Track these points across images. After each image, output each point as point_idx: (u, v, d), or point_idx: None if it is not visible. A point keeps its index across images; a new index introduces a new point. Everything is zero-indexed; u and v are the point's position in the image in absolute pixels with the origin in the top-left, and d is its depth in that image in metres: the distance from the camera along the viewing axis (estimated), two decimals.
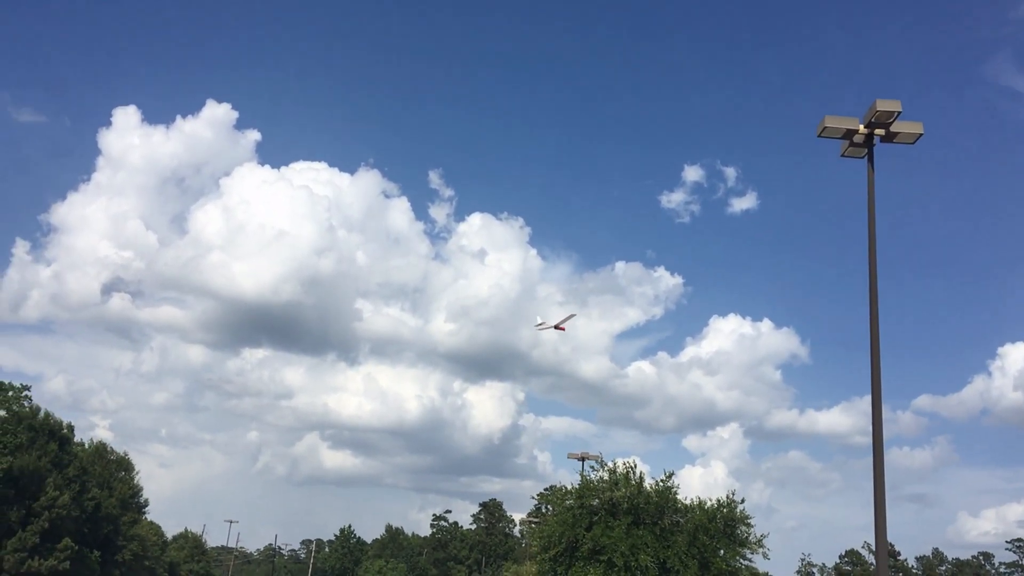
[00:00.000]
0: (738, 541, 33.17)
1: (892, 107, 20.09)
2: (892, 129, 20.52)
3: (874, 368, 19.98)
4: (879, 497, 18.94)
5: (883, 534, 18.77)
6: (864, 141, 20.88)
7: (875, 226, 21.24)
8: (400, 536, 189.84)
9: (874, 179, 21.40)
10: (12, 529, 69.98)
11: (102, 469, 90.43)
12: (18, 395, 76.78)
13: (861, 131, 20.69)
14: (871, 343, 20.17)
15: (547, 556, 33.44)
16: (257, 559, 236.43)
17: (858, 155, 21.27)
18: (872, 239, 21.09)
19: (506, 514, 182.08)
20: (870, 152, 21.20)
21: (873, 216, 21.22)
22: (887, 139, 20.85)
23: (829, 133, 20.83)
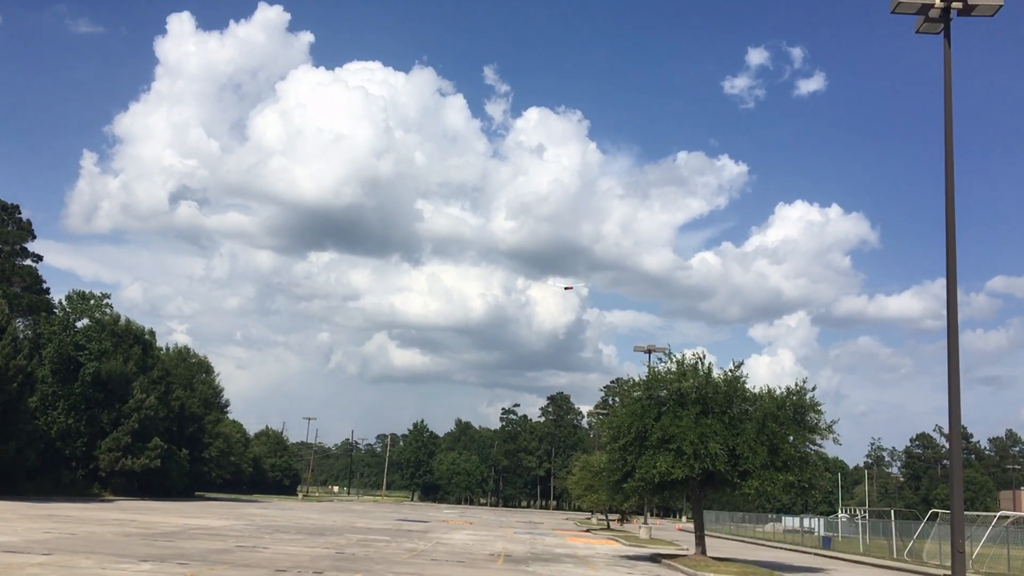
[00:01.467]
0: (807, 427, 33.29)
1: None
2: (970, 1, 19.52)
3: (949, 250, 19.55)
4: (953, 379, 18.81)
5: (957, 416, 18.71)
6: (940, 15, 19.92)
7: (951, 104, 20.47)
8: (471, 430, 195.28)
9: (951, 55, 20.51)
10: (105, 430, 73.84)
11: (184, 371, 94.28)
12: (99, 303, 79.77)
13: (937, 4, 19.71)
14: (947, 224, 19.69)
15: (617, 446, 34.08)
16: (335, 453, 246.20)
17: (934, 31, 20.33)
18: (948, 117, 20.36)
19: (573, 406, 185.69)
20: (946, 26, 20.24)
21: (950, 93, 20.42)
22: (964, 12, 19.86)
23: (903, 9, 19.91)
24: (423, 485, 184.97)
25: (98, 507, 51.58)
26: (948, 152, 20.18)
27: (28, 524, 31.41)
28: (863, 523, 61.62)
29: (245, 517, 50.55)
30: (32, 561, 18.60)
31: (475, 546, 36.46)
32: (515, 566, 26.97)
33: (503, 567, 26.29)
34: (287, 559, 23.62)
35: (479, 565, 26.25)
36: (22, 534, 26.49)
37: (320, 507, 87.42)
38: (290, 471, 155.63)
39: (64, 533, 27.97)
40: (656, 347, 54.45)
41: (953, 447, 19.49)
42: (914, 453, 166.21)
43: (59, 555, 20.40)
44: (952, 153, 20.18)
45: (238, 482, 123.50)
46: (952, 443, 19.47)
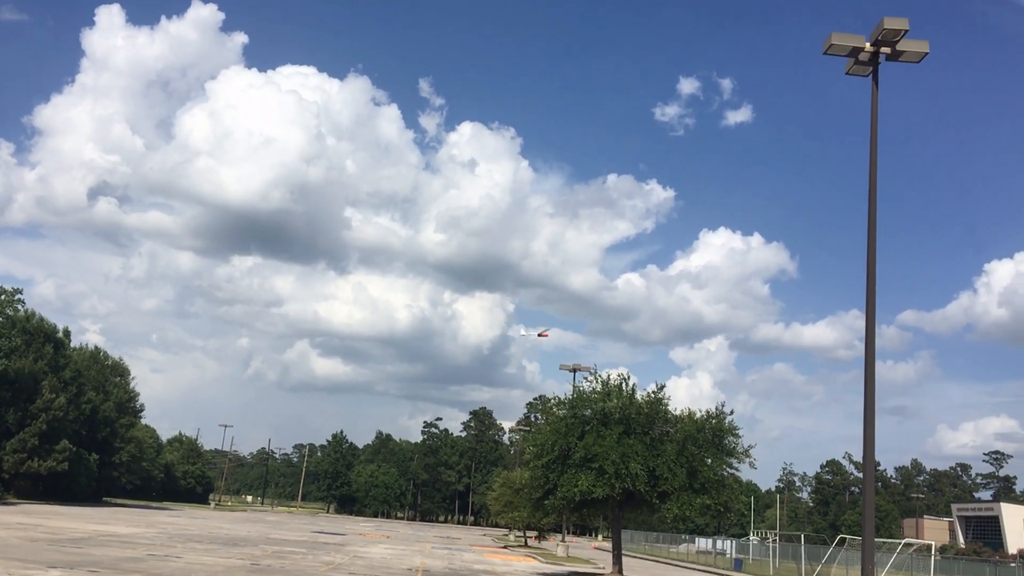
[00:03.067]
0: (725, 451, 33.95)
1: (899, 25, 19.86)
2: (898, 47, 20.34)
3: (870, 283, 20.28)
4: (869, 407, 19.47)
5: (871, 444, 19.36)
6: (869, 59, 20.71)
7: (877, 142, 21.27)
8: (391, 442, 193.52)
9: (878, 97, 21.32)
10: (10, 431, 71.15)
11: (97, 373, 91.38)
12: (11, 299, 76.98)
13: (867, 49, 20.48)
14: (868, 257, 20.42)
15: (540, 463, 34.22)
16: (251, 462, 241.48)
17: (863, 73, 21.12)
18: (873, 155, 21.14)
19: (496, 422, 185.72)
20: (875, 70, 21.06)
21: (875, 132, 21.23)
22: (893, 57, 20.68)
23: (835, 51, 20.64)
24: (340, 497, 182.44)
25: (1, 510, 49.61)
26: (872, 188, 20.94)
27: None
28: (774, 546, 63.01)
29: (156, 525, 49.21)
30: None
31: (393, 560, 36.19)
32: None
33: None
34: (201, 569, 23.11)
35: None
36: None
37: (233, 517, 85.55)
38: (203, 479, 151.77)
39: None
40: (581, 366, 55.00)
41: (866, 475, 20.14)
42: (824, 479, 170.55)
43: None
44: (876, 189, 20.95)
45: (148, 489, 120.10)
46: (866, 471, 20.12)
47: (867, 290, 20.29)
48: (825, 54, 20.80)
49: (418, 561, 37.40)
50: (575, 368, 55.89)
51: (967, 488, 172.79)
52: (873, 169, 20.98)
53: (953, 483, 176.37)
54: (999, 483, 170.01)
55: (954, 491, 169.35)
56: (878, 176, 20.99)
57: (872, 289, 20.28)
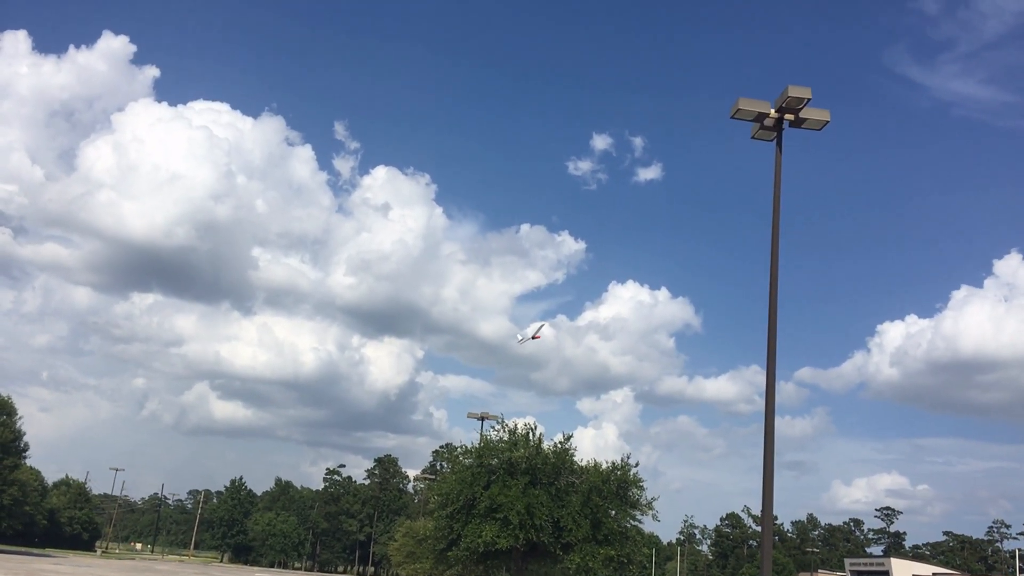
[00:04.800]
0: (629, 503, 34.30)
1: (803, 94, 20.85)
2: (801, 115, 21.31)
3: (770, 340, 20.91)
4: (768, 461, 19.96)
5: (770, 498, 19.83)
6: (774, 125, 21.64)
7: (779, 205, 22.12)
8: (291, 489, 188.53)
9: (781, 161, 22.23)
10: None
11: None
12: None
13: (772, 115, 21.41)
14: (769, 316, 21.08)
15: (444, 513, 33.94)
16: (142, 508, 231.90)
17: (767, 138, 22.03)
18: (776, 217, 21.96)
19: (400, 470, 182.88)
20: (779, 135, 21.99)
21: (778, 196, 22.07)
22: (796, 124, 21.65)
23: (742, 115, 21.51)
24: (235, 546, 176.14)
25: None
26: (774, 249, 21.71)
27: None
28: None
29: (37, 574, 46.69)
30: None
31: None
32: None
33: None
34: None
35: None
36: None
37: (120, 565, 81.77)
38: (90, 525, 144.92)
39: None
40: (489, 414, 54.91)
41: (765, 528, 20.57)
42: (723, 532, 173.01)
43: None
44: (778, 250, 21.72)
45: (30, 534, 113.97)
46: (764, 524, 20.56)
47: (768, 347, 20.92)
48: (732, 118, 21.66)
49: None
50: (483, 416, 55.76)
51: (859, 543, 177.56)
52: (775, 231, 21.78)
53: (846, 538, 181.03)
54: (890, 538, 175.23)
55: (847, 546, 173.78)
56: (780, 238, 21.80)
57: (772, 346, 20.92)
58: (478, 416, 56.79)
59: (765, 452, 20.20)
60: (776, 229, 21.81)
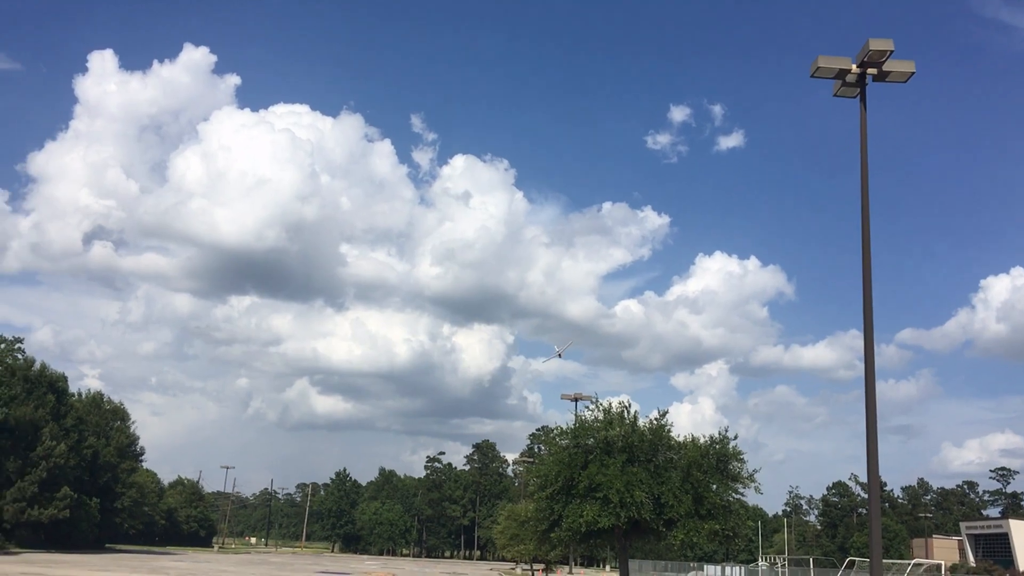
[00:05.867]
0: (730, 476, 33.75)
1: (884, 46, 20.09)
2: (884, 68, 20.54)
3: (866, 302, 20.31)
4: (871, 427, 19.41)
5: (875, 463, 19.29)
6: (857, 80, 20.90)
7: (867, 163, 21.41)
8: (394, 478, 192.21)
9: (866, 117, 21.50)
10: (11, 479, 70.75)
11: (98, 419, 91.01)
12: (11, 348, 76.96)
13: (854, 71, 20.69)
14: (863, 278, 20.47)
15: (544, 495, 33.97)
16: (253, 503, 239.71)
17: (850, 94, 21.31)
18: (864, 176, 21.27)
19: (499, 454, 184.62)
20: (862, 91, 21.25)
21: (865, 153, 21.37)
22: (879, 78, 20.88)
23: (822, 73, 20.85)
24: (344, 535, 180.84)
25: (2, 560, 49.15)
26: (864, 210, 21.03)
27: None
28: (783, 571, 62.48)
29: (159, 571, 48.75)
30: None
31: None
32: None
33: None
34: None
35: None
36: None
37: (237, 559, 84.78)
38: (206, 522, 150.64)
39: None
40: (582, 395, 54.97)
41: (872, 496, 20.04)
42: (831, 501, 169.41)
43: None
44: (868, 210, 21.04)
45: (151, 534, 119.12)
46: (871, 492, 20.02)
47: (864, 310, 20.32)
48: (813, 77, 21.01)
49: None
50: (576, 397, 55.80)
51: (975, 506, 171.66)
52: (865, 189, 21.10)
53: (960, 501, 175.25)
54: (1007, 500, 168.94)
55: (962, 509, 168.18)
56: (870, 195, 21.11)
57: (869, 308, 20.31)
58: (571, 397, 56.89)
59: (868, 418, 19.66)
60: (865, 188, 21.13)
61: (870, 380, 19.83)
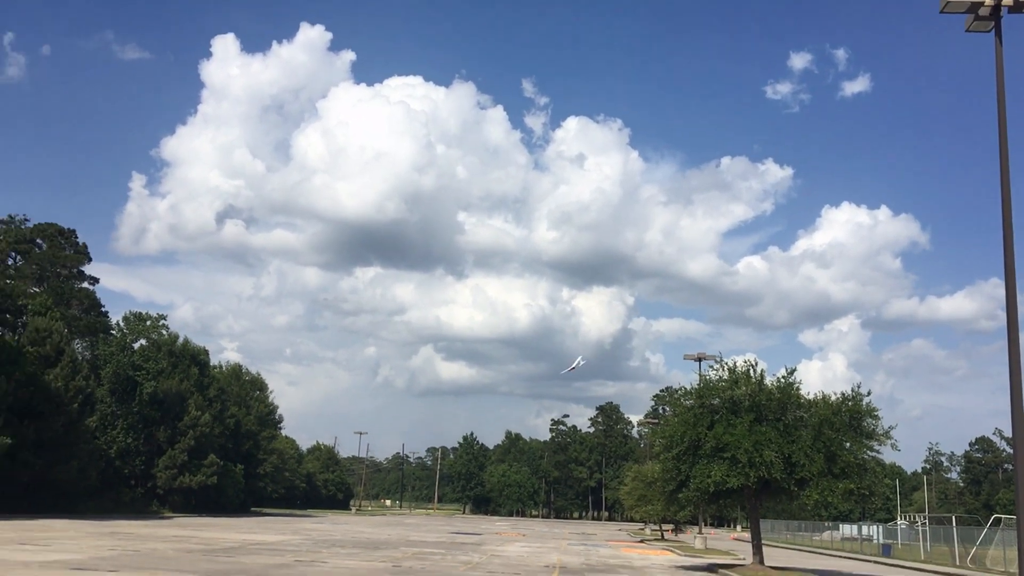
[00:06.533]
0: (864, 433, 32.74)
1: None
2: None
3: (1007, 247, 19.21)
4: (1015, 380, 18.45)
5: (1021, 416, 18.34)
6: (991, 13, 19.63)
7: (1005, 101, 20.15)
8: (520, 441, 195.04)
9: (1002, 52, 20.19)
10: (162, 448, 75.20)
11: (239, 389, 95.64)
12: (156, 324, 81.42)
13: (987, 3, 19.43)
14: (1003, 221, 19.35)
15: (670, 455, 33.82)
16: (387, 467, 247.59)
17: (984, 29, 20.04)
18: (1002, 115, 20.03)
19: (623, 416, 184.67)
20: (997, 24, 19.94)
21: (1002, 91, 20.10)
22: (1016, 9, 19.55)
23: (953, 8, 19.67)
24: (474, 498, 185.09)
25: (158, 524, 52.50)
26: (1003, 150, 19.84)
27: (93, 542, 32.10)
28: (923, 530, 60.39)
29: (301, 532, 51.08)
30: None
31: (530, 558, 36.46)
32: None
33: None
34: (345, 572, 23.86)
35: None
36: (88, 552, 27.10)
37: (374, 521, 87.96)
38: (343, 486, 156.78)
39: (128, 550, 28.55)
40: (706, 355, 54.14)
41: (1018, 451, 19.08)
42: (973, 458, 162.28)
43: (125, 572, 20.85)
44: (1007, 150, 19.84)
45: (292, 497, 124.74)
46: (1016, 447, 19.06)
47: (1005, 256, 19.23)
48: (942, 12, 19.85)
49: (555, 558, 37.58)
50: (700, 357, 55.05)
51: None
52: (1003, 128, 19.88)
53: None
54: None
55: None
56: (1008, 135, 19.87)
57: (1010, 254, 19.21)
58: (694, 357, 56.14)
59: (1011, 369, 18.68)
60: (1003, 127, 19.90)
61: (1012, 330, 18.81)
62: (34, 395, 55.13)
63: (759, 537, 35.96)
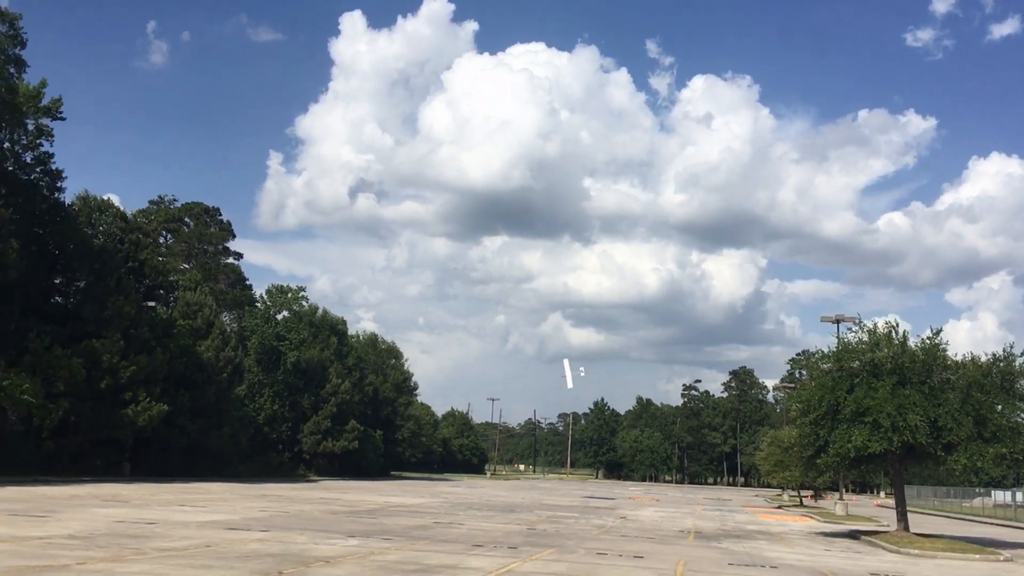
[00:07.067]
0: (1018, 395, 31.05)
1: None
2: None
3: None
4: None
5: None
6: None
7: None
8: (651, 406, 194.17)
9: None
10: (306, 415, 78.58)
11: (375, 358, 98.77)
12: (296, 296, 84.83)
13: None
14: None
15: (807, 420, 32.95)
16: (519, 432, 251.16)
17: None
18: None
19: (757, 381, 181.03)
20: None
21: None
22: None
23: None
24: (606, 463, 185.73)
25: (304, 487, 55.03)
26: None
27: (245, 504, 33.97)
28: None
29: (439, 495, 52.56)
30: (252, 537, 20.15)
31: (664, 522, 36.40)
32: (706, 542, 26.76)
33: (694, 543, 26.15)
34: (482, 535, 24.44)
35: (670, 541, 26.22)
36: (241, 513, 28.69)
37: (508, 485, 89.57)
38: (477, 450, 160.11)
39: (277, 512, 30.07)
40: (844, 317, 52.35)
41: None
42: None
43: (275, 532, 21.99)
44: None
45: (429, 462, 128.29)
46: None
47: None
48: None
49: (689, 523, 37.39)
50: (838, 319, 53.25)
51: None
52: None
53: None
54: None
55: None
56: None
57: None
58: (832, 319, 54.33)
59: None
60: None
61: None
62: (188, 366, 58.46)
63: (904, 503, 34.73)
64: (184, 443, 58.09)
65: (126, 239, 58.36)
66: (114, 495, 34.89)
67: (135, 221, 64.12)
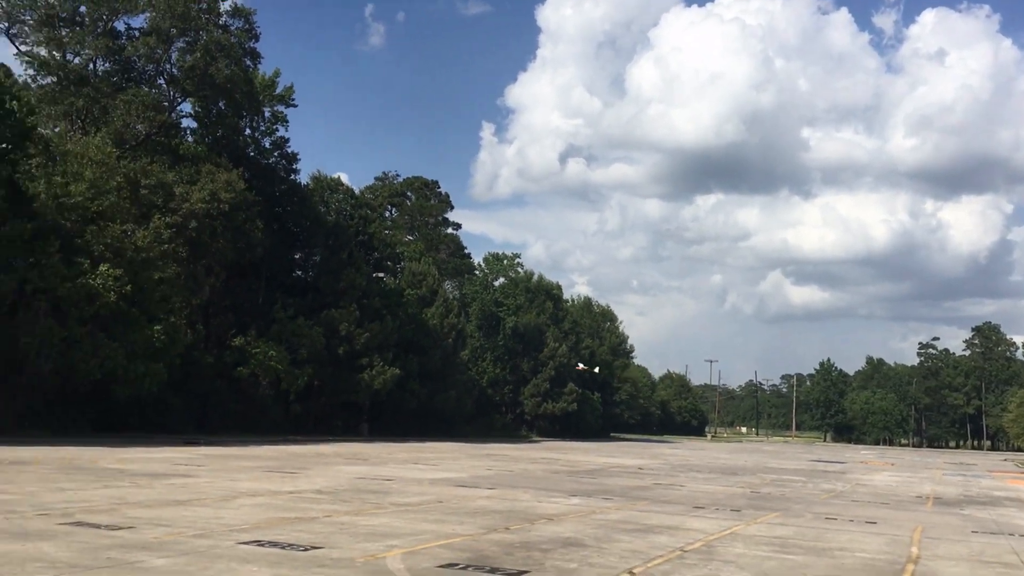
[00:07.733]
0: None
1: None
2: None
3: None
4: None
5: None
6: None
7: None
8: (883, 367, 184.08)
9: None
10: (525, 378, 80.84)
11: (590, 321, 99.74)
12: (512, 263, 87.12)
13: None
14: None
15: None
16: (740, 394, 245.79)
17: None
18: None
19: (1005, 337, 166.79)
20: None
21: None
22: None
23: None
24: (835, 425, 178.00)
25: (526, 447, 56.76)
26: None
27: (472, 463, 35.53)
28: None
29: (658, 457, 52.56)
30: (480, 495, 21.10)
31: (899, 488, 34.55)
32: (947, 509, 25.18)
33: (933, 509, 24.68)
34: (704, 496, 24.28)
35: (906, 507, 24.89)
36: (469, 471, 30.07)
37: (729, 448, 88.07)
38: (696, 412, 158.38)
39: (502, 471, 31.24)
40: None
41: None
42: None
43: (501, 489, 22.90)
44: None
45: (647, 424, 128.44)
46: None
47: None
48: None
49: (928, 488, 35.29)
50: None
51: None
52: None
53: None
54: None
55: None
56: None
57: None
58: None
59: None
60: None
61: None
62: (415, 332, 61.68)
63: None
64: (414, 405, 61.38)
65: (355, 215, 62.13)
66: (355, 453, 37.57)
67: (362, 198, 68.14)
